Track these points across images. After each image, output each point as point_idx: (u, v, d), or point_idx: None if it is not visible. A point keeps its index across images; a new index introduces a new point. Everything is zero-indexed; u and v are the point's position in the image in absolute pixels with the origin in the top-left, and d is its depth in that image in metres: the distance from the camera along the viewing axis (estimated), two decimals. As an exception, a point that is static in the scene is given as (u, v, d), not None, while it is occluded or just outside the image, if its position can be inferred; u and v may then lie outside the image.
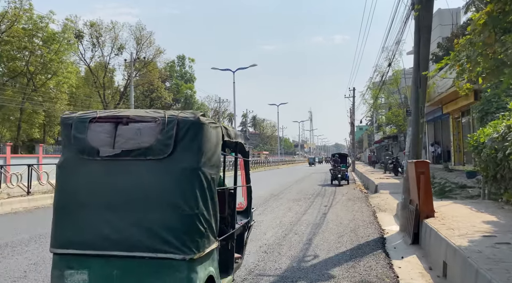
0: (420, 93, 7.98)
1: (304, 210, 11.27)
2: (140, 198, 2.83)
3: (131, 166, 2.90)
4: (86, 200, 2.92)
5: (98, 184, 2.93)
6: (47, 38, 34.80)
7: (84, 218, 2.89)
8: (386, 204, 12.20)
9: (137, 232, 2.79)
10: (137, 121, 2.99)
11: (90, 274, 2.83)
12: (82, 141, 2.94)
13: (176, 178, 2.83)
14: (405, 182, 8.58)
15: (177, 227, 2.78)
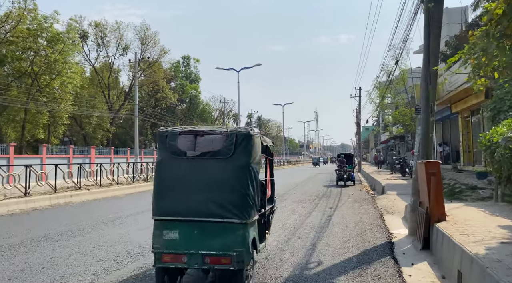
0: (430, 90, 7.57)
1: (309, 212, 10.90)
2: (212, 183, 4.34)
3: (206, 163, 4.41)
4: (177, 184, 4.38)
5: (185, 174, 4.41)
6: (52, 38, 34.70)
7: (176, 196, 4.36)
8: (394, 206, 11.79)
9: (210, 205, 4.25)
10: (210, 134, 4.54)
11: (179, 232, 4.27)
12: (174, 147, 4.48)
13: (235, 171, 4.35)
14: (414, 184, 8.17)
15: (236, 202, 4.26)
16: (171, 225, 4.33)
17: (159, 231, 4.38)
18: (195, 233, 4.29)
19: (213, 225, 4.27)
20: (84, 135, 46.46)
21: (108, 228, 8.44)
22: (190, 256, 4.22)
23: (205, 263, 4.23)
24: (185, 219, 4.31)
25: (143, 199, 14.22)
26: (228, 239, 4.25)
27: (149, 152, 45.51)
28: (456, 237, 5.40)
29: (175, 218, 4.33)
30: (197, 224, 4.30)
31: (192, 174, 4.41)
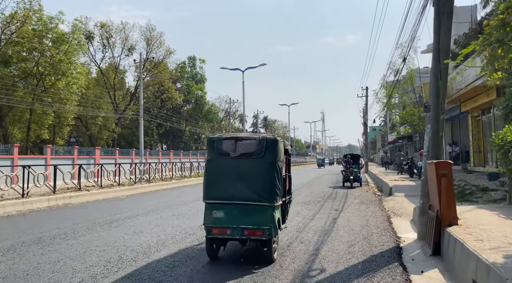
0: (441, 86, 7.16)
1: (313, 214, 10.51)
2: (248, 176, 5.68)
3: (244, 161, 5.80)
4: (222, 177, 5.77)
5: (228, 169, 5.78)
6: (57, 39, 34.69)
7: (221, 186, 5.73)
8: (402, 208, 11.37)
9: (247, 192, 5.60)
10: (246, 139, 6.02)
11: (224, 212, 5.66)
12: (220, 149, 5.87)
13: (265, 167, 5.73)
14: (423, 185, 7.75)
15: (266, 190, 5.62)
16: (218, 206, 5.80)
17: (209, 211, 5.88)
18: (236, 213, 5.72)
19: (249, 207, 5.71)
20: (90, 136, 46.46)
21: (103, 230, 8.14)
22: (233, 229, 5.63)
23: (243, 235, 5.67)
24: (228, 202, 5.74)
25: (143, 201, 13.95)
26: (260, 217, 5.69)
27: (155, 153, 45.31)
28: (470, 243, 5.00)
29: (221, 201, 5.80)
30: (237, 206, 5.73)
31: (233, 169, 5.84)
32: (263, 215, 5.67)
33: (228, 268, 5.61)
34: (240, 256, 6.27)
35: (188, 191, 18.21)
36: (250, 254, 6.31)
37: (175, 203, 12.99)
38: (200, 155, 54.66)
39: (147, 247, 6.60)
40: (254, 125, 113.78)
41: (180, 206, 12.16)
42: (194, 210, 11.16)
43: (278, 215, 5.92)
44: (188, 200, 13.82)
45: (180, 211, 11.11)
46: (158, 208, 11.80)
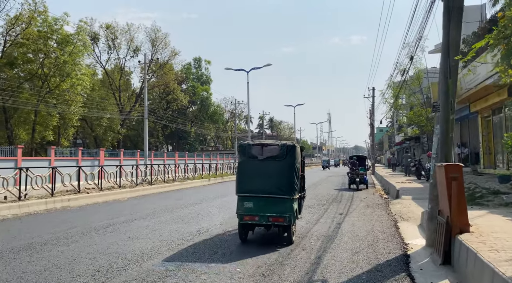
0: (450, 84, 6.76)
1: (317, 219, 10.13)
2: (272, 174, 7.01)
3: (269, 163, 7.14)
4: (251, 175, 7.15)
5: (256, 169, 7.15)
6: (61, 40, 34.68)
7: (250, 182, 7.08)
8: (409, 212, 10.95)
9: (271, 187, 6.92)
10: (271, 145, 7.39)
11: (253, 203, 6.97)
12: (250, 153, 7.30)
13: (286, 167, 7.06)
14: (432, 189, 7.35)
15: (287, 186, 6.96)
16: (248, 199, 7.13)
17: (241, 202, 7.19)
18: (263, 204, 7.07)
19: (273, 199, 7.05)
20: (95, 137, 46.45)
21: (98, 236, 7.84)
22: (260, 217, 7.04)
23: (269, 221, 7.06)
24: (256, 195, 7.10)
25: (144, 203, 13.66)
26: (282, 207, 7.03)
27: (160, 154, 45.09)
28: (483, 253, 4.61)
29: (250, 194, 7.14)
30: (264, 198, 7.08)
31: (261, 169, 7.21)
32: (284, 206, 7.08)
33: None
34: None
35: (191, 193, 17.91)
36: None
37: (175, 206, 12.68)
38: (205, 157, 54.45)
39: (140, 255, 6.29)
40: (260, 126, 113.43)
41: (180, 209, 11.84)
42: (194, 214, 10.85)
43: (296, 206, 7.38)
44: (189, 203, 13.51)
45: (179, 214, 10.80)
46: (157, 211, 11.50)
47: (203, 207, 12.50)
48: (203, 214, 10.89)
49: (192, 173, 23.95)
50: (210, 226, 8.92)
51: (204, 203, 13.64)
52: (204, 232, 8.21)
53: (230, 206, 12.71)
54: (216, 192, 18.36)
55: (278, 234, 7.30)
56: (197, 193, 17.95)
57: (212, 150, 77.45)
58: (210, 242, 7.25)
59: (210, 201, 14.15)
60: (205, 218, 10.14)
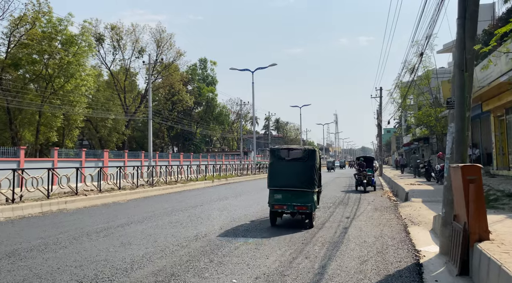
0: (466, 78, 6.23)
1: (322, 223, 9.61)
2: (297, 172, 8.98)
3: (294, 163, 9.07)
4: (280, 172, 9.08)
5: (284, 168, 9.08)
6: (66, 41, 34.53)
7: (279, 178, 9.01)
8: (420, 216, 10.39)
9: (296, 182, 8.93)
10: (296, 149, 9.38)
11: (282, 195, 8.95)
12: (279, 155, 9.27)
13: (308, 167, 9.05)
14: (446, 192, 6.82)
15: (308, 181, 8.95)
16: (278, 191, 8.96)
17: (272, 194, 9.05)
18: (289, 195, 8.88)
19: (298, 192, 8.87)
20: (100, 139, 46.28)
21: (89, 241, 7.40)
22: (288, 206, 8.86)
23: (294, 209, 8.86)
24: (284, 188, 8.91)
25: (143, 206, 13.22)
26: (305, 198, 8.84)
27: (165, 155, 44.79)
28: (509, 265, 4.08)
29: (279, 188, 8.96)
30: (290, 191, 8.88)
31: (287, 168, 9.03)
32: (307, 197, 8.94)
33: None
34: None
35: (192, 195, 17.47)
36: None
37: (174, 209, 12.23)
38: (211, 158, 54.04)
39: (130, 263, 5.83)
40: (266, 127, 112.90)
41: (180, 212, 11.39)
42: (193, 217, 10.39)
43: (315, 198, 9.33)
44: (190, 206, 13.05)
45: (178, 218, 10.35)
46: (155, 214, 11.05)
47: (204, 210, 12.03)
48: (203, 217, 10.43)
49: (195, 175, 23.51)
50: (209, 230, 8.45)
51: (205, 205, 13.18)
52: (201, 237, 7.74)
53: (231, 208, 12.24)
54: (218, 194, 17.90)
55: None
56: (199, 195, 17.51)
57: (218, 151, 77.12)
58: (207, 248, 6.77)
59: (211, 204, 13.69)
60: (204, 221, 9.68)
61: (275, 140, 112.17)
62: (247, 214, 11.07)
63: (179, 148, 68.47)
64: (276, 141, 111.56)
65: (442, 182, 17.55)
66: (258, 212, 11.41)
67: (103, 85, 50.52)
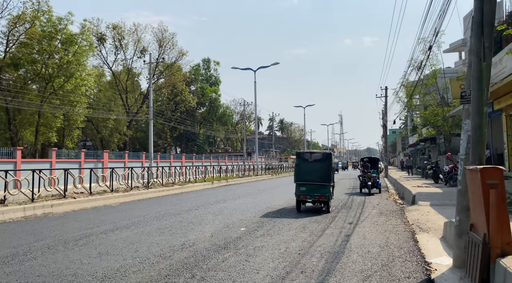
0: (484, 68, 5.49)
1: (322, 229, 8.88)
2: (317, 170, 11.95)
3: (315, 163, 12.09)
4: (304, 170, 12.08)
5: (307, 167, 12.08)
6: (66, 40, 34.05)
7: (304, 174, 12.03)
8: (428, 221, 9.62)
9: (317, 178, 11.80)
10: (316, 153, 12.64)
11: (306, 187, 11.86)
12: (303, 157, 12.39)
13: (326, 166, 12.05)
14: (460, 198, 6.05)
15: (326, 177, 11.89)
16: (302, 185, 11.64)
17: (298, 187, 11.72)
18: (312, 187, 11.55)
19: (318, 185, 11.54)
20: (101, 139, 45.79)
21: (64, 251, 6.72)
22: (310, 196, 11.55)
23: (315, 198, 11.58)
24: (308, 182, 11.61)
25: (134, 209, 12.53)
26: (324, 190, 11.50)
27: (166, 156, 44.18)
28: (544, 291, 3.32)
29: (304, 182, 11.65)
30: (312, 184, 11.54)
31: (310, 167, 11.70)
32: (325, 189, 11.57)
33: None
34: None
35: (189, 197, 16.79)
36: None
37: (167, 213, 11.55)
38: (214, 159, 53.38)
39: (101, 278, 5.13)
40: (270, 128, 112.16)
41: (172, 217, 10.70)
42: (184, 222, 9.69)
43: (331, 190, 12.14)
44: (183, 209, 12.35)
45: (168, 223, 9.65)
46: (145, 219, 10.37)
47: (198, 214, 11.33)
48: (195, 222, 9.72)
49: (194, 176, 22.82)
50: (198, 238, 7.74)
51: (200, 209, 12.47)
52: (189, 246, 7.03)
53: (227, 212, 11.53)
54: (217, 196, 17.20)
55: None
56: (196, 197, 16.82)
57: (221, 152, 76.52)
58: (191, 260, 6.06)
59: (207, 207, 12.98)
60: (196, 227, 8.97)
61: (279, 141, 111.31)
62: (243, 218, 10.35)
63: (182, 148, 67.92)
64: (280, 142, 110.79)
65: (451, 184, 16.72)
66: (255, 216, 10.70)
67: (105, 85, 50.10)
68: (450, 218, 10.22)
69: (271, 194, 18.46)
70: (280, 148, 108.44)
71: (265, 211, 11.98)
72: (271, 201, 14.85)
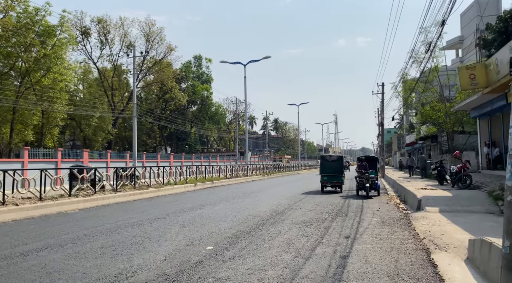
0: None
1: (311, 247, 6.95)
2: (334, 166, 19.56)
3: (333, 162, 19.77)
4: (326, 166, 19.73)
5: (328, 164, 19.73)
6: (43, 32, 31.87)
7: (325, 169, 19.65)
8: (443, 234, 7.78)
9: (334, 171, 19.46)
10: (333, 156, 21.21)
11: (327, 177, 19.43)
12: (325, 158, 20.48)
13: (339, 164, 19.70)
14: (509, 213, 4.15)
15: (340, 171, 19.57)
16: (324, 176, 19.30)
17: (322, 177, 19.34)
18: (331, 177, 19.21)
19: (335, 176, 19.21)
20: (84, 138, 43.59)
21: None
22: (330, 182, 19.20)
23: (333, 184, 19.27)
24: (328, 174, 19.30)
25: (89, 218, 10.48)
26: (338, 179, 19.19)
27: (154, 155, 42.08)
28: None
29: (326, 174, 19.33)
30: (331, 175, 19.24)
31: (329, 164, 19.46)
32: (339, 178, 19.03)
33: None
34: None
35: (163, 202, 14.80)
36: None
37: (125, 223, 9.56)
38: (205, 159, 51.33)
39: None
40: (264, 127, 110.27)
41: (127, 229, 8.72)
42: (139, 238, 7.71)
43: (343, 179, 19.40)
44: (148, 219, 10.36)
45: (119, 238, 7.68)
46: (94, 232, 8.39)
47: (162, 225, 9.35)
48: (153, 238, 7.76)
49: (173, 178, 20.77)
50: (144, 264, 5.78)
51: (169, 218, 10.49)
52: (124, 279, 5.08)
53: (199, 223, 9.54)
54: (195, 201, 15.23)
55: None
56: (170, 202, 14.84)
57: (214, 152, 74.46)
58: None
59: (178, 215, 11.01)
60: (149, 246, 7.01)
61: (274, 140, 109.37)
62: (216, 231, 8.40)
63: (173, 148, 65.83)
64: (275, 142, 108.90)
65: (460, 187, 14.79)
66: (231, 228, 8.75)
67: (92, 82, 47.91)
68: (468, 229, 8.33)
69: (257, 197, 16.53)
70: (275, 148, 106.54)
71: (245, 220, 10.04)
72: (255, 207, 12.93)
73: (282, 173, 46.05)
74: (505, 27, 24.26)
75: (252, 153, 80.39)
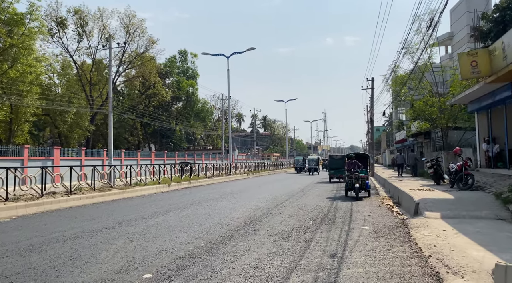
0: None
1: (286, 272, 5.22)
2: (339, 163, 24.60)
3: (338, 160, 26.47)
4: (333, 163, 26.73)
5: (335, 161, 26.61)
6: (10, 20, 29.59)
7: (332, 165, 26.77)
8: (453, 250, 6.16)
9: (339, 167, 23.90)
10: (338, 155, 30.47)
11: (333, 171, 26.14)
12: (332, 157, 28.47)
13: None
14: None
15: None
16: (332, 169, 26.33)
17: (330, 171, 26.75)
18: (337, 171, 25.02)
19: (340, 170, 23.06)
20: (59, 135, 41.25)
21: None
22: (336, 175, 25.63)
23: (338, 176, 24.92)
24: (335, 169, 25.49)
25: (23, 229, 8.57)
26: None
27: (134, 153, 39.93)
28: None
29: (332, 168, 26.10)
30: (337, 169, 24.86)
31: (336, 162, 26.14)
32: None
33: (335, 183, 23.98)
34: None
35: (124, 206, 12.91)
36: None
37: (57, 237, 7.70)
38: (189, 157, 49.41)
39: None
40: (252, 125, 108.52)
41: (54, 246, 6.88)
42: (60, 260, 5.87)
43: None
44: (93, 229, 8.50)
45: (29, 263, 5.86)
46: (6, 251, 6.53)
47: (104, 238, 7.51)
48: (80, 259, 5.94)
49: (143, 177, 18.88)
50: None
51: (119, 228, 8.63)
52: None
53: (152, 234, 7.64)
54: (162, 204, 13.37)
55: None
56: (133, 207, 12.96)
57: (200, 150, 72.45)
58: None
59: (132, 224, 9.16)
60: (65, 274, 5.19)
61: (263, 138, 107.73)
62: (167, 248, 6.61)
63: (157, 146, 63.63)
64: (263, 139, 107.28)
65: (461, 188, 13.03)
66: (189, 243, 6.97)
67: (72, 76, 45.51)
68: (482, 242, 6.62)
69: (235, 199, 14.77)
70: (263, 146, 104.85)
71: (211, 230, 8.27)
72: (229, 212, 11.17)
73: (268, 172, 44.38)
74: (502, 17, 22.90)
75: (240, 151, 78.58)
